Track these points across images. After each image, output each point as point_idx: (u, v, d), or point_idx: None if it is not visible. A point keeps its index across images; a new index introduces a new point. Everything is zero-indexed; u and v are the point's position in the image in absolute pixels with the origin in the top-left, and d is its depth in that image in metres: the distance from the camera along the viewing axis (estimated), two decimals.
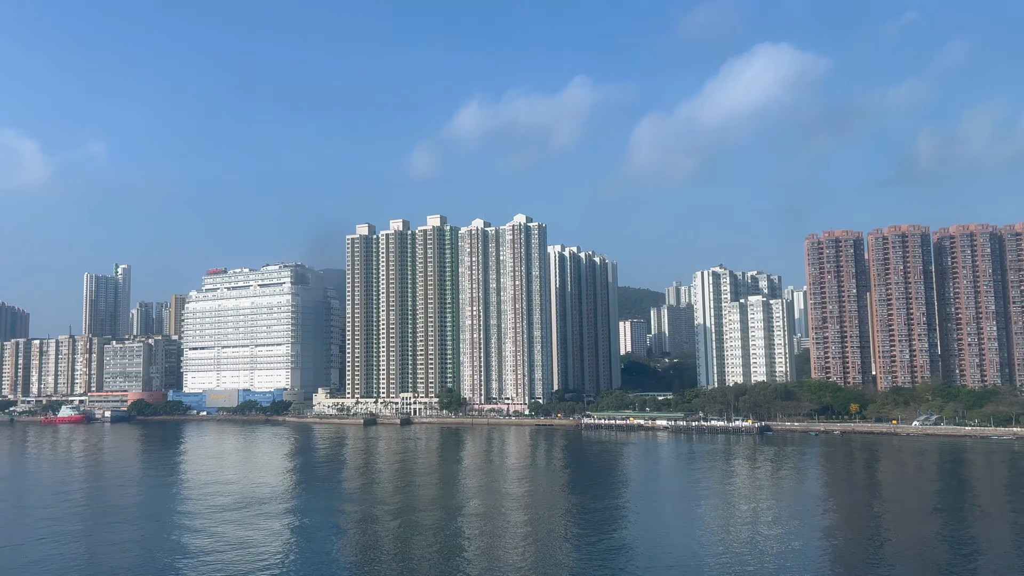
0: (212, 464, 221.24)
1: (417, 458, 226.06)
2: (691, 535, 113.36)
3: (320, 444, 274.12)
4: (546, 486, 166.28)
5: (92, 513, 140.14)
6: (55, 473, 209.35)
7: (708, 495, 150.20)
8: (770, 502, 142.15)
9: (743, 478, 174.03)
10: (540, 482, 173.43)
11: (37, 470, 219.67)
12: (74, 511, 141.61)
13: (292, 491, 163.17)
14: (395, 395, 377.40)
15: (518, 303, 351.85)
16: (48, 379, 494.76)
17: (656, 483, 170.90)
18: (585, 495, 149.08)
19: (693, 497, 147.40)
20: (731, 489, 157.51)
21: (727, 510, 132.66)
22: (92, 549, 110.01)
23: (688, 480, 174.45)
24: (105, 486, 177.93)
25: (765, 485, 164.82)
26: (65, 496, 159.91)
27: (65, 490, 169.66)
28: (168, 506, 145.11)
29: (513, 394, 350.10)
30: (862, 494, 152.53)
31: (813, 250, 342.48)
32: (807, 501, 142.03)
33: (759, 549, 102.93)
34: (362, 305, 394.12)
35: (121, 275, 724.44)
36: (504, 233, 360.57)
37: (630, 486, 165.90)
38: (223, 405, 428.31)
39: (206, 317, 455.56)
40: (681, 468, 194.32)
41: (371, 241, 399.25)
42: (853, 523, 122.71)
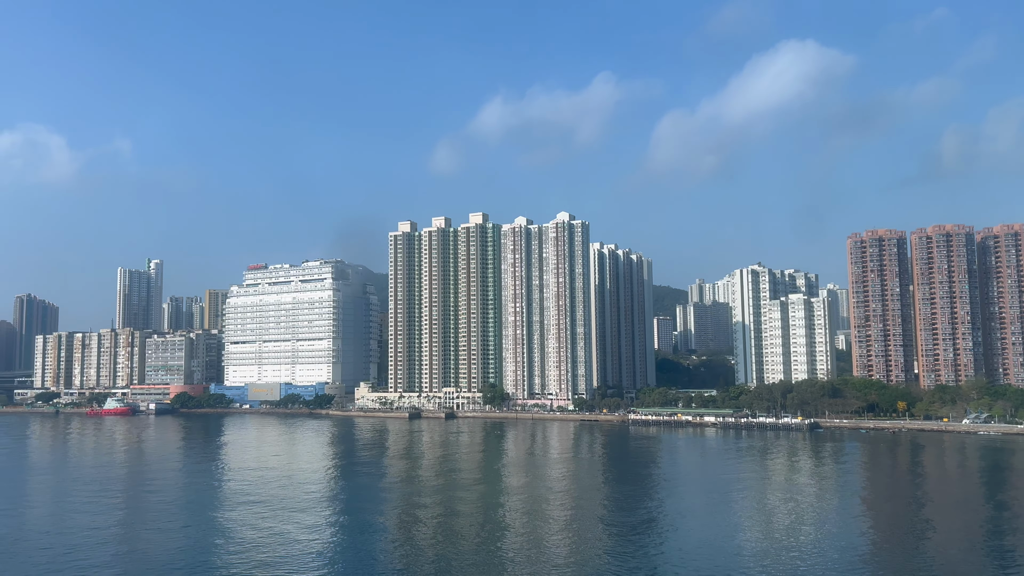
0: (261, 455, 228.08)
1: (470, 451, 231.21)
2: (761, 529, 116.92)
3: (367, 437, 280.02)
4: (605, 479, 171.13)
5: (153, 501, 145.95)
6: (111, 462, 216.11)
7: (778, 491, 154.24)
8: (844, 498, 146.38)
9: (805, 474, 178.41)
10: (600, 475, 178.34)
11: (94, 460, 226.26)
12: (130, 498, 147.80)
13: (350, 481, 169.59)
14: (438, 390, 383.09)
15: (562, 300, 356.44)
16: (90, 372, 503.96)
17: (719, 478, 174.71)
18: (646, 490, 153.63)
19: (760, 492, 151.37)
20: (800, 485, 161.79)
21: (799, 506, 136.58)
22: (156, 535, 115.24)
23: (751, 476, 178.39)
24: (159, 475, 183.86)
25: (831, 481, 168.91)
26: (119, 483, 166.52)
27: (120, 478, 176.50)
28: (224, 495, 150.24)
29: (556, 390, 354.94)
30: (932, 489, 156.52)
31: (856, 249, 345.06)
32: (879, 496, 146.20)
33: (839, 544, 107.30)
34: (405, 301, 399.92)
35: (153, 270, 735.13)
36: (547, 231, 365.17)
37: (691, 481, 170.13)
38: (265, 398, 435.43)
39: (247, 312, 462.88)
40: (738, 464, 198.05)
41: (413, 238, 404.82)
42: (935, 519, 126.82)
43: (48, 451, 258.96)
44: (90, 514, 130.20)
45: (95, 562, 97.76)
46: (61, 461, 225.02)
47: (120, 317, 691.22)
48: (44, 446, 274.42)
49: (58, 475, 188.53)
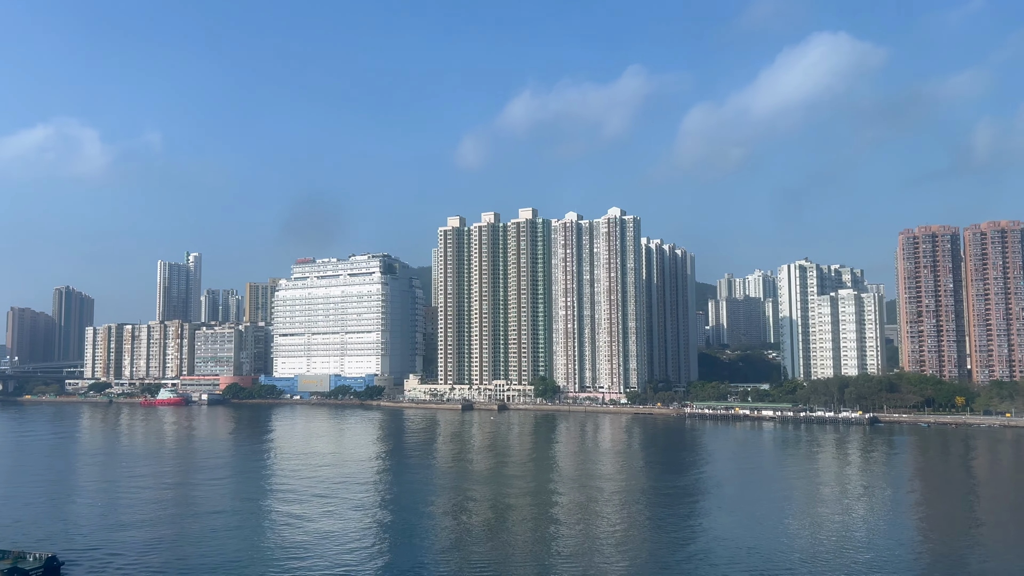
0: (324, 444, 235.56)
1: (531, 443, 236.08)
2: (845, 524, 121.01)
3: (422, 427, 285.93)
4: (675, 470, 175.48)
5: (215, 490, 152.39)
6: (176, 450, 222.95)
7: (857, 484, 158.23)
8: (927, 493, 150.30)
9: (878, 467, 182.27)
10: (670, 467, 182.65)
11: (159, 448, 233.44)
12: (187, 487, 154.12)
13: (417, 469, 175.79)
14: (488, 382, 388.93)
15: (613, 295, 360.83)
16: (140, 363, 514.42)
17: (791, 471, 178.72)
18: (721, 483, 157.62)
19: (839, 486, 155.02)
20: (876, 477, 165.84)
21: (879, 500, 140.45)
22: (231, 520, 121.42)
23: (824, 469, 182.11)
24: (225, 463, 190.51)
25: (907, 475, 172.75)
26: (179, 471, 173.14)
27: (181, 465, 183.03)
28: (293, 484, 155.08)
29: (607, 383, 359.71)
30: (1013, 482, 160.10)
31: (908, 245, 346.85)
32: (963, 491, 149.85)
33: (924, 538, 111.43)
34: (454, 294, 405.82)
35: (192, 263, 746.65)
36: (598, 226, 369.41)
37: (764, 475, 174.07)
38: (314, 389, 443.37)
39: (296, 304, 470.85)
40: (807, 457, 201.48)
41: (462, 233, 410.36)
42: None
43: (133, 437, 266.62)
44: (212, 496, 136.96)
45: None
46: (155, 446, 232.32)
47: (160, 309, 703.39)
48: (124, 433, 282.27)
49: (162, 460, 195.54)
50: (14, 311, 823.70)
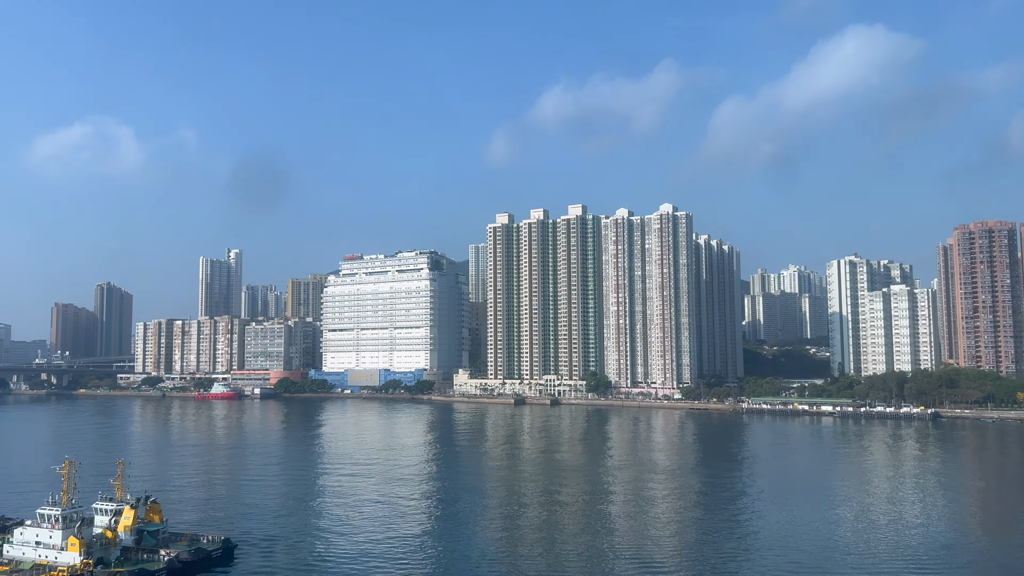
0: (389, 435, 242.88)
1: (594, 437, 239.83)
2: (923, 520, 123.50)
3: (479, 421, 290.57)
4: (741, 466, 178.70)
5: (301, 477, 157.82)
6: (266, 442, 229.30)
7: (931, 481, 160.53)
8: (1006, 489, 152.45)
9: (952, 463, 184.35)
10: (736, 462, 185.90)
11: (247, 439, 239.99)
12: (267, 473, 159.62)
13: (484, 460, 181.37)
14: (539, 377, 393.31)
15: (666, 291, 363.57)
16: (190, 357, 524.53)
17: (869, 467, 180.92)
18: (799, 478, 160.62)
19: (921, 481, 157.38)
20: (949, 473, 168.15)
21: (961, 496, 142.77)
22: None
23: (900, 464, 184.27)
24: (324, 453, 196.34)
25: (980, 471, 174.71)
26: (289, 462, 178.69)
27: (287, 456, 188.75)
28: (356, 475, 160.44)
29: (660, 379, 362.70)
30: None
31: (963, 240, 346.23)
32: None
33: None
34: (504, 290, 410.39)
35: (233, 259, 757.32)
36: (650, 222, 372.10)
37: (843, 470, 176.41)
38: (364, 384, 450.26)
39: (344, 300, 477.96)
40: (879, 453, 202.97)
41: (511, 229, 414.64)
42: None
43: (213, 430, 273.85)
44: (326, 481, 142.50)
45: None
46: (239, 438, 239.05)
47: (203, 305, 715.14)
48: (201, 426, 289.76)
49: (263, 452, 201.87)
50: (58, 307, 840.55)
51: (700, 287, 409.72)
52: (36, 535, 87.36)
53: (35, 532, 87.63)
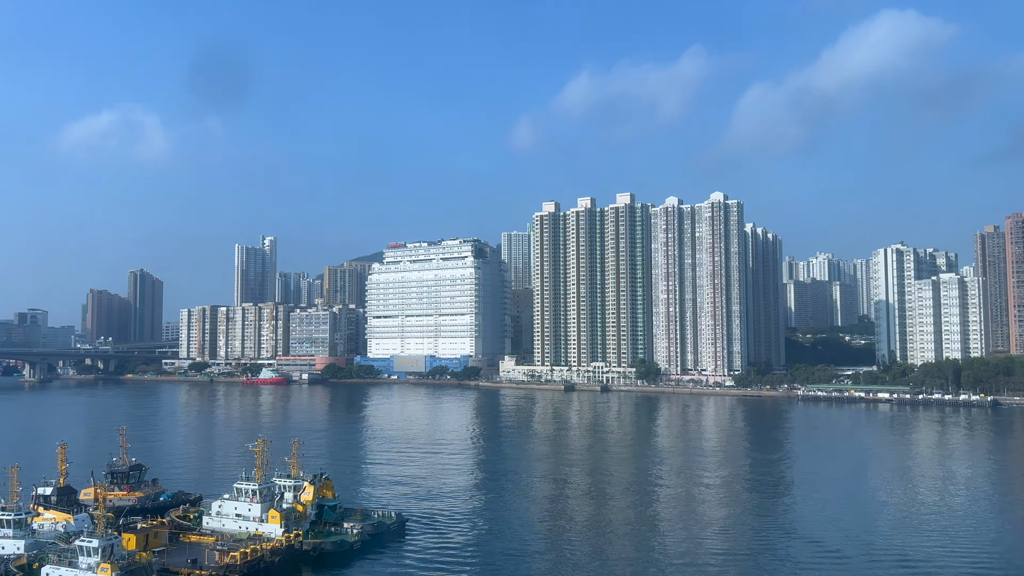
0: (454, 420, 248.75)
1: (658, 423, 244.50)
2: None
3: (533, 407, 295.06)
4: (822, 452, 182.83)
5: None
6: (356, 425, 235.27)
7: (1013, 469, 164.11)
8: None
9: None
10: (818, 449, 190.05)
11: (334, 422, 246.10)
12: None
13: (551, 443, 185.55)
14: (586, 364, 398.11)
15: (717, 279, 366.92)
16: (235, 343, 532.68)
17: (948, 454, 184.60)
18: (879, 464, 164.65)
19: (999, 469, 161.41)
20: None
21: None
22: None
23: (976, 453, 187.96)
24: (429, 437, 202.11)
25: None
26: (402, 445, 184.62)
27: (396, 439, 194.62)
28: (461, 452, 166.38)
29: (711, 366, 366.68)
30: None
31: (1016, 228, 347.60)
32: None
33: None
34: (551, 278, 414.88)
35: (268, 246, 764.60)
36: (701, 211, 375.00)
37: (922, 457, 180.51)
38: (410, 369, 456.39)
39: (389, 288, 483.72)
40: (955, 440, 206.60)
41: (558, 218, 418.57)
42: None
43: (287, 414, 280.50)
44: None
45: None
46: (324, 421, 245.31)
47: (238, 292, 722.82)
48: (268, 410, 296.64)
49: (360, 435, 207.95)
50: (93, 293, 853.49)
51: (746, 274, 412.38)
52: (235, 508, 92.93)
53: (234, 505, 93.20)
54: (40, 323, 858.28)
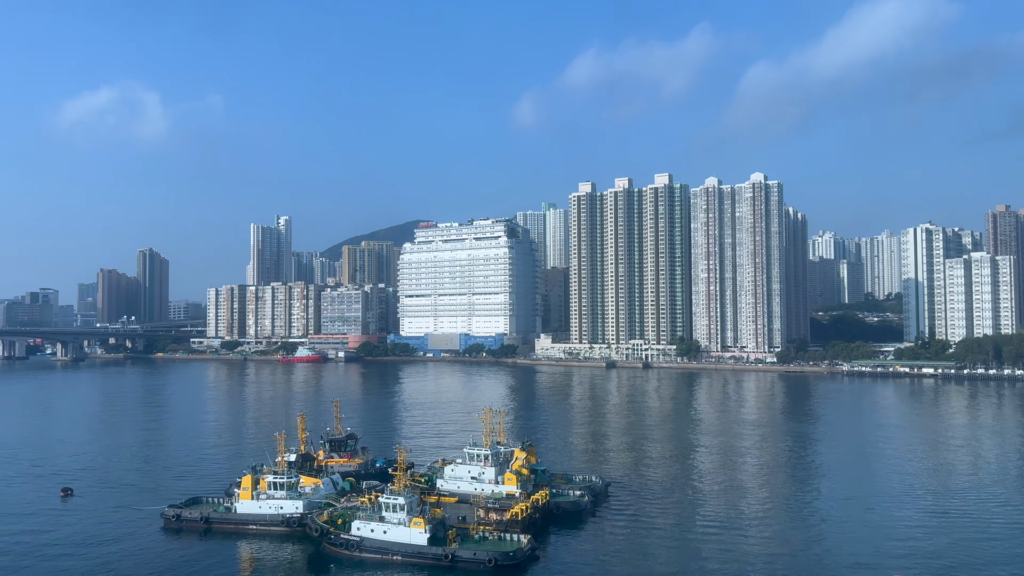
0: (543, 393, 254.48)
1: (714, 398, 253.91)
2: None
3: (584, 383, 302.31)
4: (886, 425, 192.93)
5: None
6: (443, 401, 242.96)
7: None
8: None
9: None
10: (882, 424, 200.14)
11: (419, 398, 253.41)
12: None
13: (665, 418, 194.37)
14: (624, 342, 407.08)
15: (758, 258, 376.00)
16: (264, 322, 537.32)
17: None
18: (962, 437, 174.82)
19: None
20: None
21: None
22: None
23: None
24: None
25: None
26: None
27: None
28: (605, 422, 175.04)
29: (751, 343, 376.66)
30: None
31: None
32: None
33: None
34: (588, 257, 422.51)
35: (283, 226, 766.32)
36: (742, 191, 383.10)
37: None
38: (445, 348, 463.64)
39: (421, 267, 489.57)
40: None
41: (595, 198, 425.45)
42: None
43: (349, 389, 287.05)
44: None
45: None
46: (406, 397, 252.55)
47: (255, 271, 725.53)
48: (328, 386, 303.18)
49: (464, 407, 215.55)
50: (103, 272, 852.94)
51: (784, 254, 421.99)
52: (469, 471, 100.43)
53: (467, 468, 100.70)
54: (52, 302, 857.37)
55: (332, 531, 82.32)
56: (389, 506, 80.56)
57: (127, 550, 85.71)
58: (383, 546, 79.37)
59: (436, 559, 77.24)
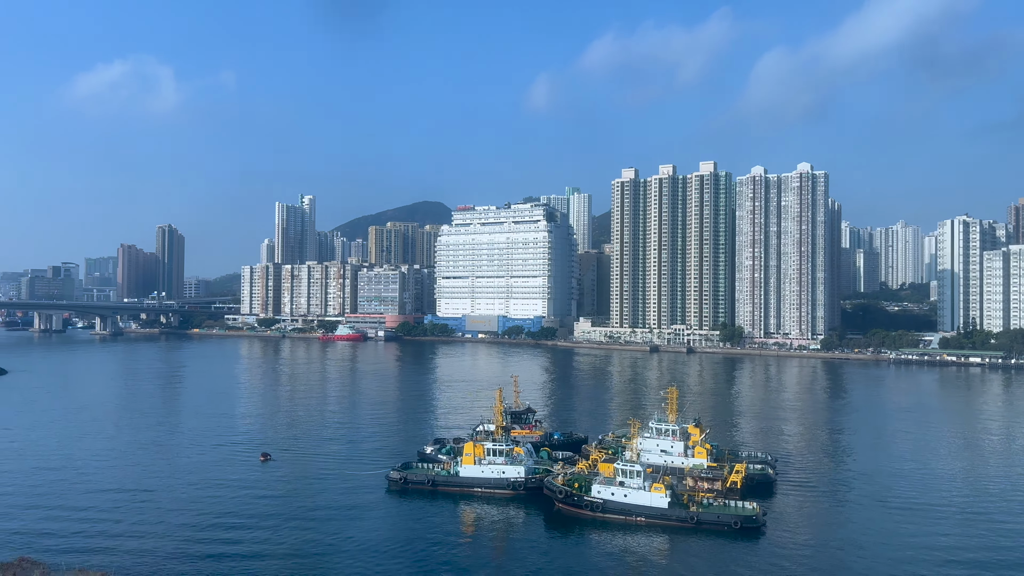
0: (589, 377, 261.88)
1: (779, 384, 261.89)
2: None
3: (636, 365, 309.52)
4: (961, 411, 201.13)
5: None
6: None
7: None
8: None
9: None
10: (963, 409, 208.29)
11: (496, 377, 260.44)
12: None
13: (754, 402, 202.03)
14: (666, 326, 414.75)
15: (803, 246, 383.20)
16: (300, 300, 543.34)
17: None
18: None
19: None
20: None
21: None
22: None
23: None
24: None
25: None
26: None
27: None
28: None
29: (794, 330, 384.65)
30: None
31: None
32: None
33: None
34: (630, 242, 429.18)
35: (307, 205, 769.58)
36: (788, 181, 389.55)
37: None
38: (482, 329, 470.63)
39: (459, 249, 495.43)
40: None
41: (638, 184, 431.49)
42: None
43: (423, 370, 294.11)
44: None
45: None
46: (488, 375, 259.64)
47: (280, 250, 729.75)
48: (390, 364, 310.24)
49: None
50: (123, 248, 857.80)
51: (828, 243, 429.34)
52: (658, 444, 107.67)
53: (656, 442, 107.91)
54: (73, 276, 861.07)
55: (575, 493, 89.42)
56: (628, 472, 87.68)
57: (368, 503, 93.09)
58: (626, 508, 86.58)
59: (681, 521, 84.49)
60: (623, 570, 74.04)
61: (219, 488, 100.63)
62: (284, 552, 76.74)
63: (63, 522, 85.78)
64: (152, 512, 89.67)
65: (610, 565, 75.17)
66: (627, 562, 76.05)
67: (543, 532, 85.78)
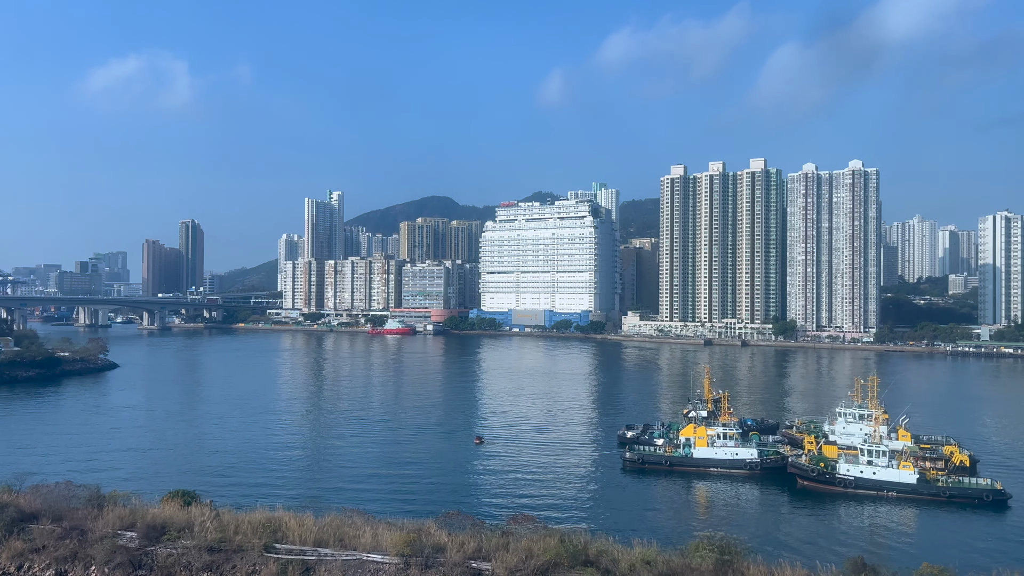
0: (672, 374, 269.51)
1: (855, 377, 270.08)
2: None
3: (696, 359, 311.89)
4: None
5: None
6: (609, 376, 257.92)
7: None
8: None
9: None
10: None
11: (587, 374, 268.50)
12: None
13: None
14: (718, 320, 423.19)
15: (856, 242, 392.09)
16: (344, 295, 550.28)
17: None
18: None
19: None
20: None
21: None
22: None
23: None
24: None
25: None
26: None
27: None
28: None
29: (847, 323, 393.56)
30: None
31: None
32: None
33: None
34: (680, 238, 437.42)
35: (336, 200, 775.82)
36: (840, 178, 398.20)
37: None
38: (529, 323, 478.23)
39: (504, 245, 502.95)
40: None
41: (688, 181, 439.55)
42: None
43: (496, 366, 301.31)
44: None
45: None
46: (573, 373, 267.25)
47: (309, 245, 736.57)
48: (459, 359, 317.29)
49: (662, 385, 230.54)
50: (148, 243, 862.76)
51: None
52: (861, 428, 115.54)
53: (859, 427, 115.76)
54: (100, 272, 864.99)
55: (827, 472, 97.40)
56: (877, 452, 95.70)
57: (610, 482, 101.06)
58: (876, 484, 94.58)
59: (933, 495, 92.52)
60: (889, 535, 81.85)
61: (465, 468, 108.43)
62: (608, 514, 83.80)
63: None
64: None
65: (869, 533, 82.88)
66: (880, 529, 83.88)
67: (799, 504, 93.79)
